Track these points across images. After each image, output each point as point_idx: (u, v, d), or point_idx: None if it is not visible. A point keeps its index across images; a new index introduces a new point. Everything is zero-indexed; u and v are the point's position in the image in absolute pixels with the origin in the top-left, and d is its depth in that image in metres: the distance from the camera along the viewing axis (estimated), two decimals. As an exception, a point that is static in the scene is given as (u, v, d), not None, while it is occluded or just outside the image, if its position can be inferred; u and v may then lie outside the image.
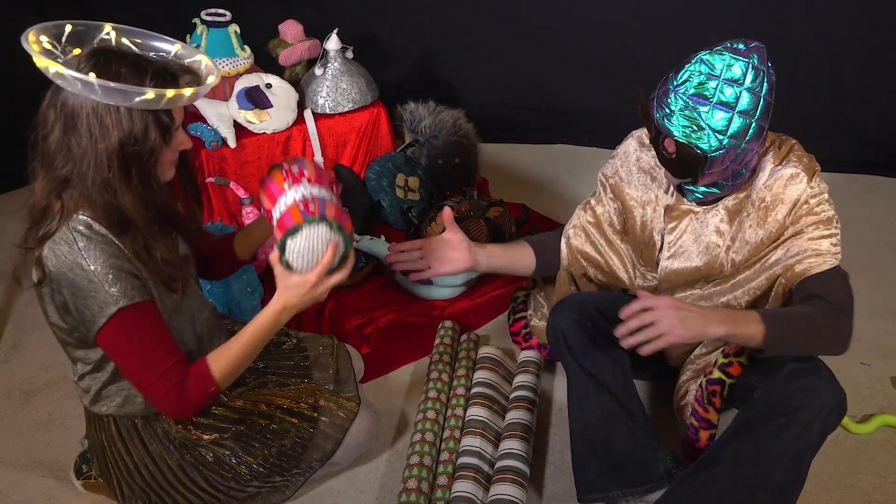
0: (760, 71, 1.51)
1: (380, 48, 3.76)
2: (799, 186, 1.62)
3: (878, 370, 2.19)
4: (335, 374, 1.88)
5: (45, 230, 1.40)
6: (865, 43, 3.29)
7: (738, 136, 1.53)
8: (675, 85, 1.56)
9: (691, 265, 1.78)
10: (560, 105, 3.81)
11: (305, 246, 1.45)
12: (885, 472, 1.87)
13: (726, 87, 1.51)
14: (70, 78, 1.28)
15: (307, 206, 1.46)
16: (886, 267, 2.71)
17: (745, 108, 1.51)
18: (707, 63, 1.53)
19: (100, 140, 1.34)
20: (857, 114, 3.44)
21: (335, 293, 2.55)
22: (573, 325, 1.77)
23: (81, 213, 1.39)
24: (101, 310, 1.38)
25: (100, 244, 1.38)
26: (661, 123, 1.59)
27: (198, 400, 1.51)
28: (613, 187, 1.93)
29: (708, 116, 1.52)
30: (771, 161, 1.66)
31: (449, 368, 2.16)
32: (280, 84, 2.82)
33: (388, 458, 1.96)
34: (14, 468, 1.95)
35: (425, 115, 3.11)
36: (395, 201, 2.95)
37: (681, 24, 3.45)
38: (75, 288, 1.38)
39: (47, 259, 1.39)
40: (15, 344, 2.44)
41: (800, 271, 1.60)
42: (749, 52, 1.51)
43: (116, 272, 1.39)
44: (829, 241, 1.61)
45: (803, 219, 1.62)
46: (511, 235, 2.74)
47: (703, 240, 1.75)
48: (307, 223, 1.44)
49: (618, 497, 1.70)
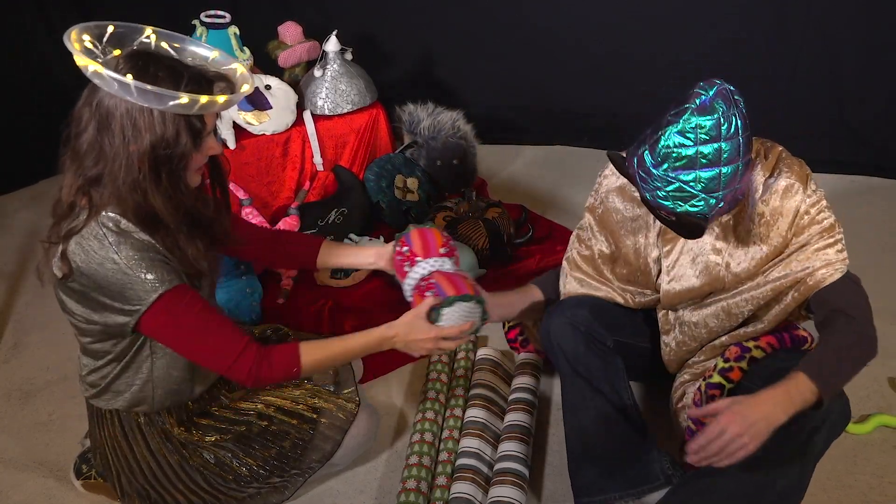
0: (730, 115, 1.44)
1: (379, 50, 3.77)
2: (796, 198, 1.59)
3: (875, 371, 2.19)
4: (335, 376, 1.89)
5: (71, 226, 1.40)
6: (865, 44, 3.29)
7: (730, 183, 1.48)
8: (652, 164, 1.48)
9: (693, 285, 1.75)
10: (559, 106, 3.82)
11: (459, 315, 1.65)
12: (882, 472, 1.88)
13: (703, 148, 1.43)
14: (108, 78, 1.28)
15: (475, 286, 1.69)
16: (884, 268, 2.71)
17: (729, 157, 1.45)
18: (678, 134, 1.45)
19: (132, 142, 1.35)
20: (856, 115, 3.44)
21: (334, 294, 2.56)
22: (567, 328, 1.77)
23: (110, 211, 1.40)
24: (142, 299, 1.39)
25: (129, 238, 1.39)
26: (650, 200, 1.53)
27: (279, 374, 1.54)
28: (601, 219, 1.87)
29: (695, 184, 1.46)
30: (761, 174, 1.62)
31: (447, 369, 2.17)
32: (279, 85, 2.83)
33: (387, 458, 1.97)
34: (14, 468, 1.96)
35: (424, 116, 3.11)
36: (394, 202, 2.95)
37: (680, 24, 3.45)
38: (108, 282, 1.38)
39: (74, 255, 1.38)
40: (15, 344, 2.45)
41: (813, 284, 1.60)
42: (713, 102, 1.43)
43: (149, 262, 1.39)
44: (835, 248, 1.60)
45: (806, 230, 1.60)
46: (509, 236, 2.75)
47: (701, 259, 1.72)
48: (475, 301, 1.65)
49: (615, 499, 1.70)
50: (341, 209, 2.82)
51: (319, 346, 1.58)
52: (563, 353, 1.77)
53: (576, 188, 3.28)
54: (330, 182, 2.99)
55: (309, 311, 2.48)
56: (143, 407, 1.59)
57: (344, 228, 2.79)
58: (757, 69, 3.44)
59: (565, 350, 1.76)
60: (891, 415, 2.01)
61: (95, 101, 1.35)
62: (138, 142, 1.35)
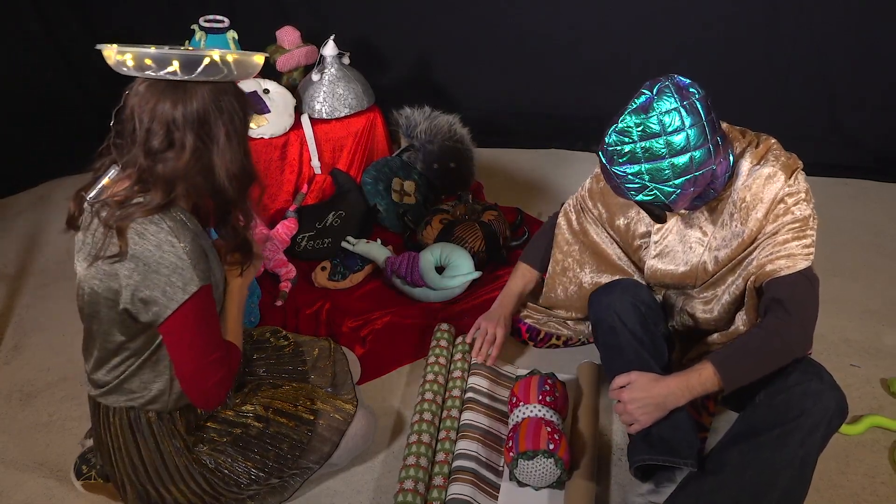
0: (676, 109, 1.53)
1: (376, 54, 3.79)
2: (776, 185, 1.63)
3: (867, 372, 2.21)
4: (332, 378, 1.90)
5: (129, 210, 1.41)
6: (857, 48, 3.32)
7: (686, 171, 1.56)
8: (605, 162, 1.61)
9: (675, 270, 1.82)
10: (554, 110, 3.84)
11: (531, 469, 1.76)
12: (874, 473, 1.89)
13: (646, 143, 1.54)
14: (222, 60, 1.37)
15: (553, 434, 1.77)
16: (876, 270, 2.74)
17: (678, 148, 1.54)
18: (617, 133, 1.58)
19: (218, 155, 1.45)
20: (848, 118, 3.46)
21: (332, 295, 2.58)
22: (630, 308, 1.84)
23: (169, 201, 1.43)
24: (185, 286, 1.40)
25: (184, 223, 1.43)
26: (615, 190, 1.65)
27: (231, 381, 1.56)
28: (599, 194, 2.01)
29: (644, 175, 1.57)
30: (749, 161, 1.69)
31: (445, 371, 2.18)
32: (277, 89, 2.84)
33: (385, 458, 1.98)
34: (15, 469, 1.96)
35: (421, 120, 3.13)
36: (392, 205, 2.97)
37: (672, 29, 3.48)
38: (160, 266, 1.39)
39: (129, 237, 1.39)
40: (16, 346, 2.46)
41: (769, 271, 1.63)
42: (653, 101, 1.54)
43: (200, 253, 1.43)
44: (802, 242, 1.62)
45: (780, 218, 1.63)
46: (506, 238, 2.77)
47: (688, 239, 1.79)
48: (542, 455, 1.74)
49: (643, 461, 1.69)
50: (339, 212, 2.83)
51: (232, 330, 1.64)
52: (625, 326, 1.82)
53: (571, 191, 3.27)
54: (328, 185, 3.01)
55: (307, 312, 2.49)
56: (156, 405, 1.58)
57: (341, 231, 2.81)
58: (750, 72, 3.46)
59: (627, 323, 1.82)
60: (883, 416, 2.03)
61: (183, 110, 1.39)
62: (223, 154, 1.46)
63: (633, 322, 1.83)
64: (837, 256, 2.81)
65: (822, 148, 3.44)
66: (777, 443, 1.50)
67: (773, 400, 1.55)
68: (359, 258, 2.69)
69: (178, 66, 1.34)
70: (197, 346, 1.47)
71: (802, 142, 3.50)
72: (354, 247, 2.71)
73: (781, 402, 1.54)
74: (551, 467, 1.75)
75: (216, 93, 1.42)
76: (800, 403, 1.51)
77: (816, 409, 1.49)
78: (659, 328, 1.87)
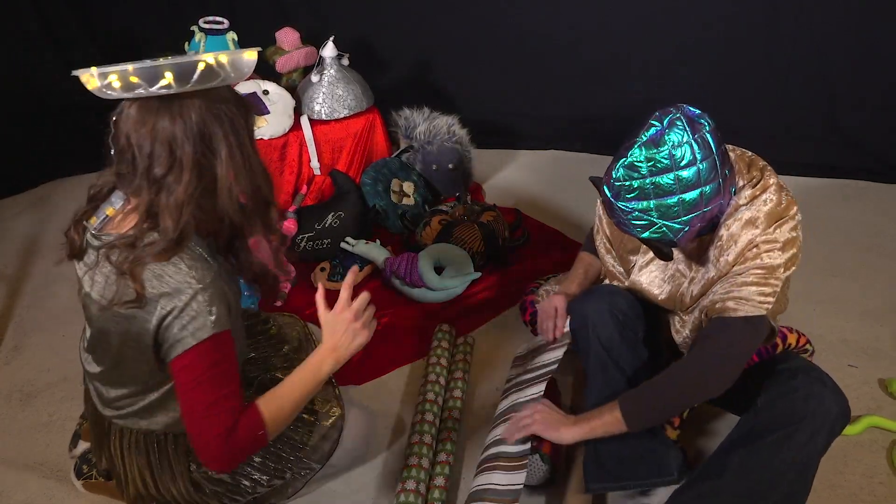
0: (688, 143, 1.46)
1: (375, 55, 3.79)
2: (754, 231, 1.54)
3: (865, 372, 2.21)
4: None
5: (142, 253, 1.32)
6: (857, 49, 3.32)
7: (695, 207, 1.49)
8: (611, 196, 1.53)
9: (658, 296, 1.80)
10: (553, 111, 3.84)
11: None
12: (872, 473, 1.89)
13: (658, 178, 1.47)
14: (232, 61, 1.29)
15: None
16: (874, 270, 2.74)
17: (690, 183, 1.47)
18: (626, 168, 1.49)
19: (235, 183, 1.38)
20: (848, 118, 3.46)
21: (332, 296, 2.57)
22: (606, 315, 1.79)
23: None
24: (197, 332, 1.32)
25: (204, 260, 1.36)
26: (618, 226, 1.58)
27: (245, 446, 1.39)
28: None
29: (653, 212, 1.50)
30: (742, 199, 1.58)
31: (446, 371, 2.18)
32: (277, 90, 2.85)
33: (385, 458, 1.98)
34: (15, 468, 1.97)
35: (420, 121, 3.13)
36: (391, 206, 2.97)
37: (672, 29, 3.48)
38: (173, 307, 1.31)
39: (147, 280, 1.31)
40: (16, 346, 2.46)
41: (717, 308, 1.57)
42: (664, 134, 1.46)
43: (220, 295, 1.35)
44: (761, 289, 1.53)
45: (748, 262, 1.54)
46: (504, 240, 2.77)
47: (670, 269, 1.76)
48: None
49: (629, 486, 1.71)
50: (338, 213, 2.83)
51: (272, 396, 1.45)
52: (598, 339, 1.79)
53: (569, 192, 3.31)
54: (327, 186, 3.01)
55: (306, 313, 2.49)
56: (177, 428, 1.53)
57: (340, 232, 2.81)
58: (750, 72, 3.46)
59: (601, 336, 1.79)
60: (881, 416, 2.03)
61: (188, 129, 1.30)
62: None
63: (610, 330, 1.78)
64: (836, 257, 2.81)
65: (822, 148, 3.44)
66: (779, 446, 1.49)
67: (776, 403, 1.54)
68: (358, 259, 2.69)
69: (171, 78, 1.22)
70: (202, 391, 1.35)
71: (802, 142, 3.54)
72: (354, 247, 2.72)
73: (784, 405, 1.52)
74: (537, 462, 1.75)
75: (211, 101, 1.31)
76: (802, 407, 1.50)
77: (819, 412, 1.48)
78: (639, 333, 1.83)
